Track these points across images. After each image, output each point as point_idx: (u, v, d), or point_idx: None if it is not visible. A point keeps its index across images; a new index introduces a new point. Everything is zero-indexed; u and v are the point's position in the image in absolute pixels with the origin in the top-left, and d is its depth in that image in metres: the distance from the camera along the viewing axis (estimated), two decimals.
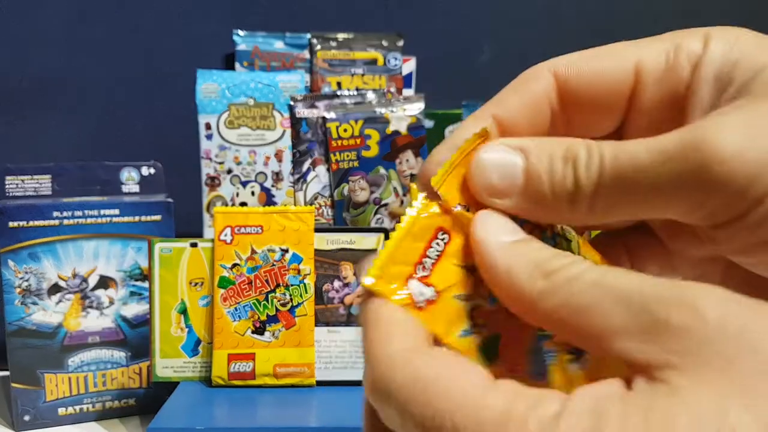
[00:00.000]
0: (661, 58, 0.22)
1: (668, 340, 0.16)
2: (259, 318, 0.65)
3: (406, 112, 0.78)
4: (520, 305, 0.19)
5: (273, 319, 0.65)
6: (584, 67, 0.22)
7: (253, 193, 0.78)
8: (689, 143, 0.18)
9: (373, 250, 0.66)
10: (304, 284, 0.65)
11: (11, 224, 0.65)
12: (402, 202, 0.78)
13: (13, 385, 0.66)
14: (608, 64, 0.22)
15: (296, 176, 0.79)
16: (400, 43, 0.87)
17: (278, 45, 0.87)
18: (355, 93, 0.80)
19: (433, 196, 0.21)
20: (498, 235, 0.20)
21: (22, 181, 0.68)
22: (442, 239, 0.20)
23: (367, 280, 0.19)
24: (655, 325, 0.16)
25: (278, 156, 0.79)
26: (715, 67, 0.21)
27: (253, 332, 0.64)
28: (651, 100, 0.22)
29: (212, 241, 0.65)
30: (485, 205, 0.21)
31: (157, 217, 0.69)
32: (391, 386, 0.18)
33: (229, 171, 0.78)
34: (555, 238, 0.22)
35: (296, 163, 0.79)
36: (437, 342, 0.20)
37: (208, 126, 0.77)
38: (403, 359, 0.18)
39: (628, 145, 0.19)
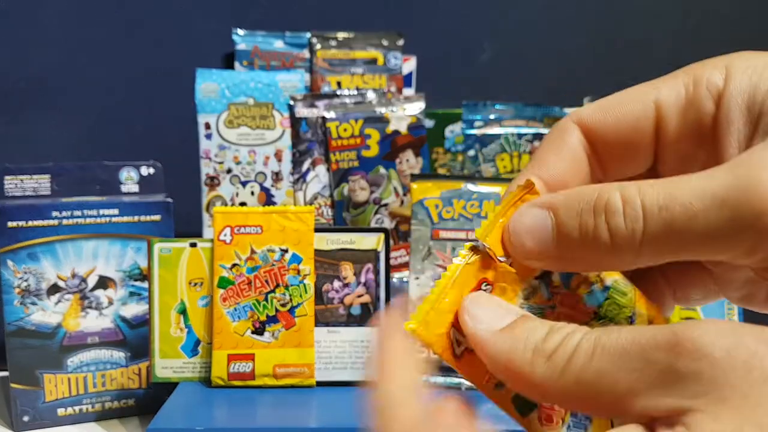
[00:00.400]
0: (680, 93, 0.22)
1: (682, 388, 0.16)
2: (258, 318, 0.64)
3: (406, 111, 0.78)
4: (531, 392, 0.19)
5: (273, 320, 0.65)
6: (606, 114, 0.23)
7: (252, 193, 0.78)
8: (741, 187, 0.17)
9: (373, 250, 0.66)
10: (304, 284, 0.65)
11: (10, 224, 0.65)
12: (402, 202, 0.78)
13: (12, 385, 0.66)
14: (629, 107, 0.22)
15: (296, 176, 0.79)
16: (400, 43, 0.87)
17: (278, 44, 0.87)
18: (355, 92, 0.80)
19: (477, 247, 0.21)
20: (489, 324, 0.20)
21: (21, 180, 0.68)
22: (486, 290, 0.21)
23: (410, 326, 0.20)
24: (664, 375, 0.16)
25: (278, 156, 0.78)
26: (745, 97, 0.20)
27: (252, 332, 0.64)
28: (677, 134, 0.22)
29: (212, 241, 0.65)
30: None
31: (157, 217, 0.69)
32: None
33: (229, 171, 0.78)
34: (606, 291, 0.22)
35: (296, 162, 0.79)
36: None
37: (207, 125, 0.77)
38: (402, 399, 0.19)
39: (674, 190, 0.18)
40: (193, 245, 0.65)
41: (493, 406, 0.21)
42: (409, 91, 0.90)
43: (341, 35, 0.86)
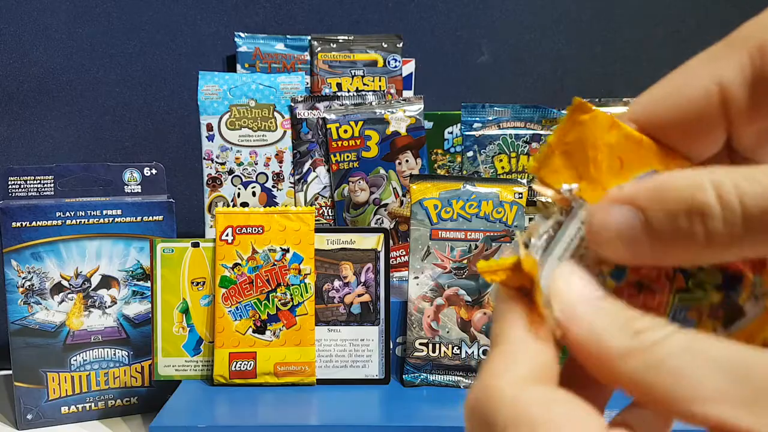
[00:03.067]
0: (746, 67, 0.19)
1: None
2: (260, 317, 0.65)
3: (405, 113, 0.79)
4: (599, 364, 0.18)
5: (274, 319, 0.65)
6: (662, 106, 0.20)
7: (254, 194, 0.79)
8: None
9: (373, 250, 0.67)
10: (305, 284, 0.66)
11: (14, 224, 0.66)
12: (401, 202, 0.79)
13: (16, 384, 0.67)
14: (687, 95, 0.20)
15: (297, 177, 0.80)
16: (400, 45, 0.87)
17: (279, 47, 0.88)
18: (355, 94, 0.81)
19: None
20: (582, 289, 0.19)
21: (25, 181, 0.69)
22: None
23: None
24: (760, 396, 0.16)
25: (279, 157, 0.79)
26: None
27: (254, 331, 0.65)
28: (750, 113, 0.20)
29: (214, 241, 0.65)
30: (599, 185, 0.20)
31: (159, 218, 0.70)
32: (490, 419, 0.17)
33: (231, 171, 0.78)
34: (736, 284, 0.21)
35: (297, 163, 0.80)
36: None
37: (209, 127, 0.78)
38: (512, 397, 0.17)
39: None
40: (195, 245, 0.66)
41: None
42: (408, 93, 0.91)
43: (341, 38, 0.87)
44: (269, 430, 0.58)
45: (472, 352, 0.65)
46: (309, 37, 0.87)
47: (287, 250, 0.66)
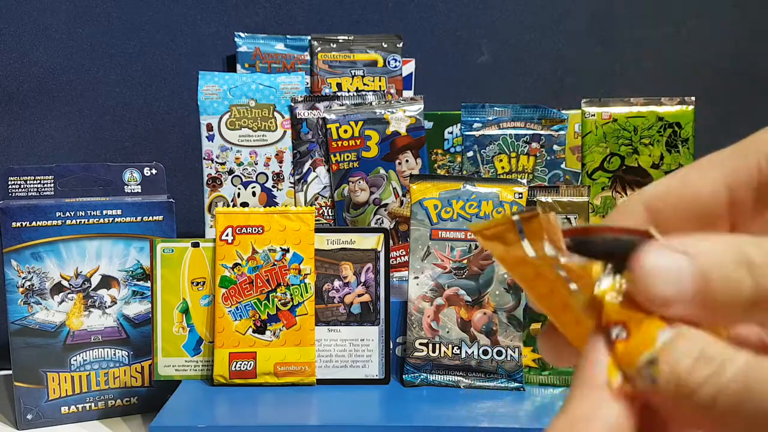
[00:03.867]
0: (752, 172, 0.21)
1: None
2: (260, 317, 0.65)
3: (405, 113, 0.79)
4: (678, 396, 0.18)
5: (274, 319, 0.65)
6: (673, 197, 0.22)
7: (254, 194, 0.79)
8: None
9: (373, 250, 0.67)
10: (305, 284, 0.66)
11: (14, 224, 0.66)
12: (401, 202, 0.79)
13: (16, 384, 0.67)
14: (697, 190, 0.22)
15: (297, 177, 0.80)
16: (400, 45, 0.87)
17: (279, 47, 0.88)
18: (355, 94, 0.81)
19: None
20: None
21: (25, 181, 0.69)
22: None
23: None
24: None
25: (279, 157, 0.79)
26: None
27: (254, 331, 0.65)
28: (754, 210, 0.21)
29: (214, 241, 0.65)
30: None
31: (159, 218, 0.70)
32: None
33: (231, 171, 0.78)
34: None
35: (297, 163, 0.80)
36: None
37: (209, 127, 0.78)
38: None
39: None
40: (195, 245, 0.66)
41: None
42: (408, 93, 0.91)
43: (341, 38, 0.87)
44: (269, 430, 0.58)
45: (472, 352, 0.65)
46: (309, 37, 0.87)
47: (287, 250, 0.66)
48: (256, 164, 0.79)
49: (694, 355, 0.18)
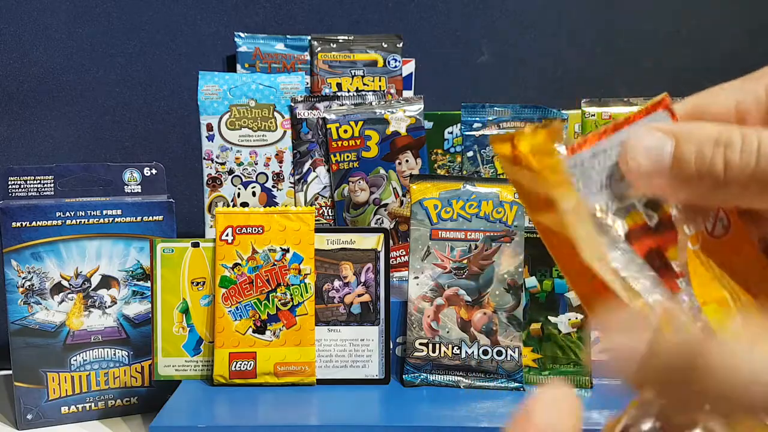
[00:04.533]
0: (761, 95, 0.23)
1: None
2: (260, 317, 0.65)
3: (405, 113, 0.79)
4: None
5: (274, 319, 0.65)
6: (694, 113, 0.24)
7: (254, 194, 0.79)
8: None
9: (373, 250, 0.67)
10: (305, 284, 0.66)
11: (14, 224, 0.66)
12: (401, 202, 0.79)
13: (16, 384, 0.67)
14: (712, 110, 0.24)
15: (297, 177, 0.80)
16: (400, 45, 0.87)
17: (279, 47, 0.88)
18: (355, 94, 0.81)
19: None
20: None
21: (25, 181, 0.69)
22: None
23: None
24: None
25: (279, 157, 0.79)
26: None
27: (254, 331, 0.65)
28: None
29: (214, 241, 0.65)
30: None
31: (159, 218, 0.70)
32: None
33: (231, 171, 0.78)
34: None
35: (297, 163, 0.80)
36: None
37: (209, 127, 0.78)
38: None
39: None
40: (195, 245, 0.66)
41: None
42: (408, 93, 0.91)
43: (341, 38, 0.87)
44: (269, 430, 0.58)
45: (472, 352, 0.65)
46: (309, 37, 0.87)
47: (287, 250, 0.66)
48: (256, 164, 0.79)
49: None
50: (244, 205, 0.78)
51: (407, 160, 0.79)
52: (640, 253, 0.22)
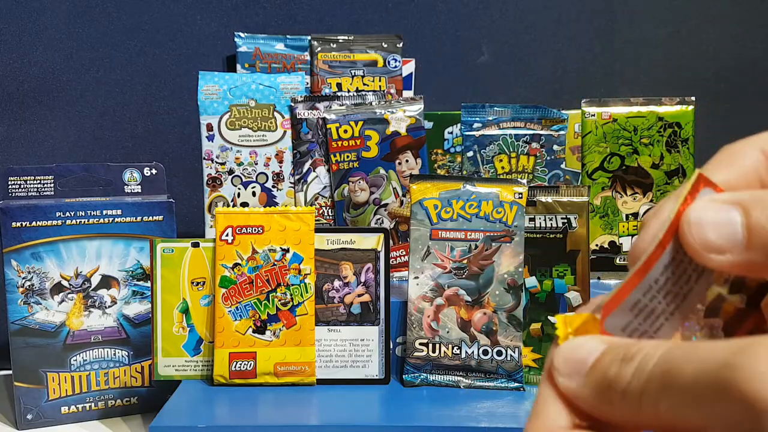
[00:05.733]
0: None
1: None
2: (260, 317, 0.65)
3: (405, 113, 0.79)
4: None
5: (274, 319, 0.65)
6: (726, 173, 0.22)
7: (254, 194, 0.79)
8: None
9: (373, 250, 0.67)
10: (305, 284, 0.66)
11: (14, 224, 0.66)
12: (401, 202, 0.79)
13: (16, 384, 0.67)
14: (740, 162, 0.22)
15: (297, 177, 0.80)
16: (400, 45, 0.87)
17: (279, 47, 0.88)
18: (355, 94, 0.81)
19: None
20: (574, 366, 0.21)
21: (25, 181, 0.69)
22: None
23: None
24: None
25: (279, 157, 0.79)
26: None
27: (254, 331, 0.65)
28: None
29: (214, 241, 0.65)
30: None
31: (159, 218, 0.70)
32: None
33: (231, 171, 0.78)
34: None
35: (297, 163, 0.80)
36: None
37: (209, 127, 0.78)
38: None
39: None
40: (195, 245, 0.66)
41: None
42: (408, 93, 0.91)
43: (341, 38, 0.87)
44: (269, 430, 0.58)
45: (472, 352, 0.65)
46: (309, 37, 0.87)
47: (287, 250, 0.66)
48: (256, 164, 0.79)
49: (618, 359, 0.19)
50: (244, 205, 0.78)
51: (407, 160, 0.79)
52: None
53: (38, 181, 0.69)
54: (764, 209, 0.19)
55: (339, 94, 0.82)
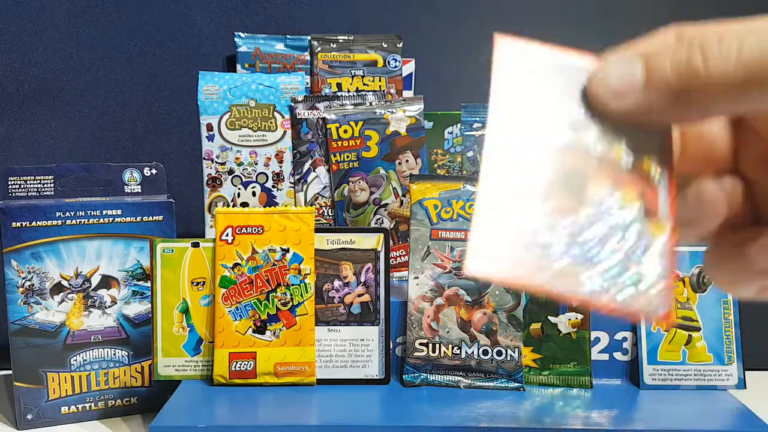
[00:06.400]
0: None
1: None
2: (260, 317, 0.65)
3: (405, 113, 0.79)
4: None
5: (274, 319, 0.65)
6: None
7: (254, 194, 0.79)
8: None
9: (373, 250, 0.67)
10: (305, 284, 0.66)
11: (14, 224, 0.66)
12: (401, 202, 0.79)
13: (16, 384, 0.67)
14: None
15: (297, 177, 0.80)
16: (400, 45, 0.87)
17: (279, 47, 0.88)
18: (355, 94, 0.81)
19: None
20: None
21: (25, 181, 0.69)
22: None
23: None
24: None
25: (279, 157, 0.79)
26: None
27: (254, 331, 0.65)
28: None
29: (213, 241, 0.65)
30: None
31: (159, 218, 0.70)
32: None
33: (231, 172, 0.78)
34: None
35: (297, 163, 0.80)
36: None
37: (209, 127, 0.78)
38: None
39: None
40: (195, 245, 0.66)
41: None
42: (408, 93, 0.91)
43: (341, 38, 0.87)
44: (269, 430, 0.58)
45: (472, 352, 0.65)
46: (309, 37, 0.87)
47: (287, 250, 0.66)
48: (256, 164, 0.79)
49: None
50: (244, 205, 0.78)
51: (407, 160, 0.79)
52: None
53: (38, 181, 0.69)
54: (662, 55, 0.21)
55: (339, 94, 0.82)
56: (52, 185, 0.69)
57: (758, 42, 0.20)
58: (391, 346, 0.68)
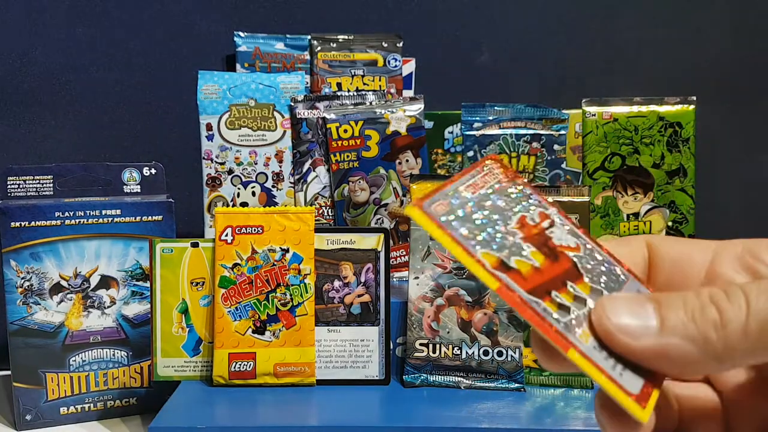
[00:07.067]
0: (738, 254, 0.25)
1: None
2: (259, 317, 0.65)
3: (405, 112, 0.79)
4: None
5: (273, 319, 0.65)
6: (673, 243, 0.27)
7: (253, 194, 0.79)
8: None
9: (373, 250, 0.67)
10: (305, 284, 0.65)
11: (13, 224, 0.66)
12: (402, 202, 0.79)
13: (15, 384, 0.67)
14: (692, 246, 0.26)
15: (297, 177, 0.80)
16: (400, 45, 0.87)
17: (279, 46, 0.88)
18: (355, 94, 0.81)
19: None
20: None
21: (24, 181, 0.69)
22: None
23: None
24: None
25: (279, 156, 0.79)
26: None
27: (253, 332, 0.65)
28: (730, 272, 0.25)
29: (213, 241, 0.65)
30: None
31: (159, 218, 0.70)
32: None
33: (230, 171, 0.78)
34: None
35: (297, 163, 0.79)
36: None
37: (209, 127, 0.78)
38: None
39: None
40: (195, 245, 0.65)
41: None
42: (408, 93, 0.91)
43: (341, 37, 0.87)
44: (269, 431, 0.57)
45: (473, 353, 0.65)
46: (309, 37, 0.87)
47: (287, 250, 0.65)
48: (256, 164, 0.79)
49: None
50: (244, 205, 0.78)
51: (407, 160, 0.79)
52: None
53: (37, 181, 0.69)
54: (677, 302, 0.21)
55: (339, 93, 0.82)
56: (51, 185, 0.69)
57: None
58: (392, 347, 0.67)
